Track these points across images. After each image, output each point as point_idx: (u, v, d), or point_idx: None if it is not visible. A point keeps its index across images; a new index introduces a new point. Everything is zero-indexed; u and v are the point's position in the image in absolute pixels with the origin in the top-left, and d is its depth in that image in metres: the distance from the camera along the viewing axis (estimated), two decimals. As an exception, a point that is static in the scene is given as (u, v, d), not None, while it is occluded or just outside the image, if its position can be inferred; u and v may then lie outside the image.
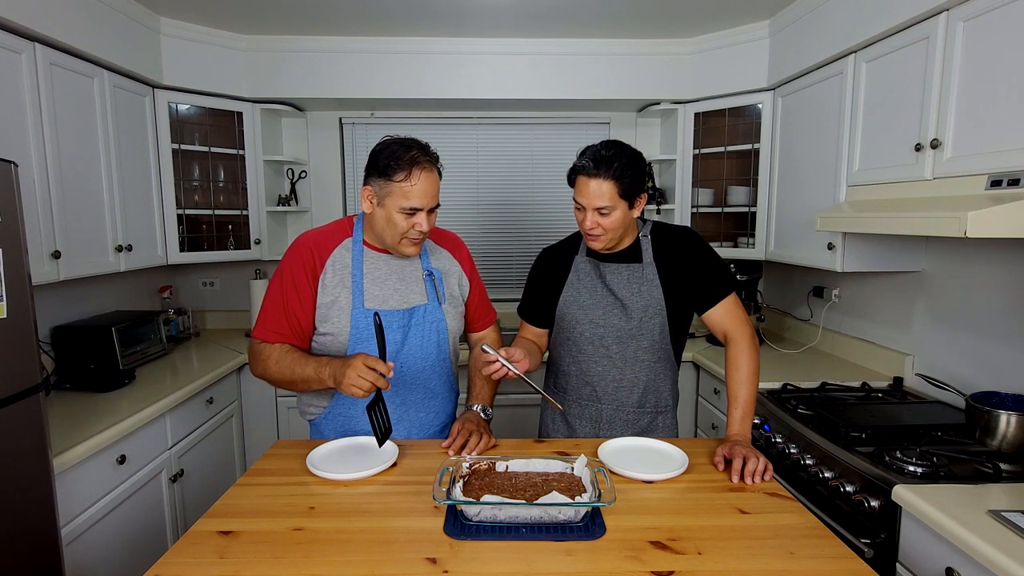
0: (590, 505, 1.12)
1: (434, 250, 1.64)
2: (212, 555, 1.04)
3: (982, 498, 1.33)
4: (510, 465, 1.30)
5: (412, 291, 1.55)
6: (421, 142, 1.47)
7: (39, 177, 2.00)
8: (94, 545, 1.78)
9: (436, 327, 1.57)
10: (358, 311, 1.48)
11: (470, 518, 1.13)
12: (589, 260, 1.66)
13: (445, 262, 1.65)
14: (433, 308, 1.57)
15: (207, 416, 2.49)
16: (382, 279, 1.52)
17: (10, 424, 1.41)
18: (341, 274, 1.50)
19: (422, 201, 1.41)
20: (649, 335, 1.61)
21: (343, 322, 1.48)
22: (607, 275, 1.63)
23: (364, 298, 1.49)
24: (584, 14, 2.64)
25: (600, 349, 1.63)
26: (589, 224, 1.52)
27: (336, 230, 1.56)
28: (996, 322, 1.87)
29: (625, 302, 1.60)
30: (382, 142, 1.47)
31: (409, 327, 1.54)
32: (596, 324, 1.63)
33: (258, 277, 3.23)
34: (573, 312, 1.65)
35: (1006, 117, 1.53)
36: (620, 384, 1.64)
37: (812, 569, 1.00)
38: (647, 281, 1.60)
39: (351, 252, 1.52)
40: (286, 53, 2.94)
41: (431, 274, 1.58)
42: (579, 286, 1.66)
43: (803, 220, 2.48)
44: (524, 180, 3.46)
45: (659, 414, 1.68)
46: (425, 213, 1.43)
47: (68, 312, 2.50)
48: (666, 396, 1.69)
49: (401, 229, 1.43)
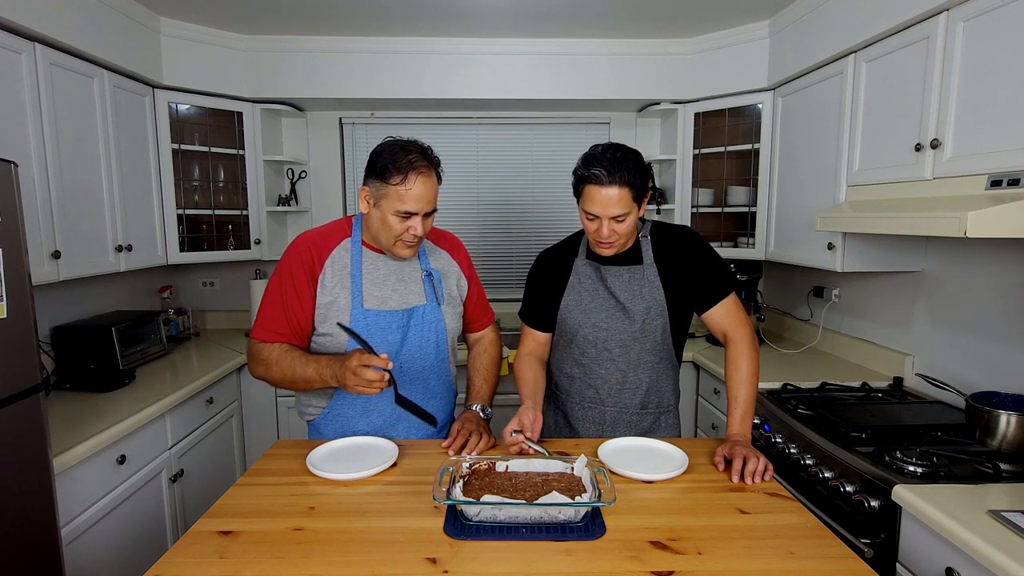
0: (590, 505, 1.12)
1: (433, 250, 1.64)
2: (212, 555, 1.04)
3: (982, 498, 1.32)
4: (510, 465, 1.29)
5: (411, 291, 1.55)
6: (422, 145, 1.46)
7: (39, 177, 2.00)
8: (94, 545, 1.78)
9: (435, 327, 1.57)
10: (357, 311, 1.48)
11: (470, 518, 1.13)
12: (590, 263, 1.66)
13: (444, 262, 1.64)
14: (432, 308, 1.57)
15: (207, 416, 2.49)
16: (381, 280, 1.52)
17: (10, 424, 1.41)
18: (340, 274, 1.50)
19: (417, 206, 1.40)
20: (652, 337, 1.61)
21: (342, 322, 1.48)
22: (608, 278, 1.62)
23: (363, 298, 1.49)
24: (584, 14, 2.64)
25: (604, 352, 1.63)
26: (606, 233, 1.48)
27: (335, 230, 1.56)
28: (996, 322, 1.87)
29: (627, 305, 1.59)
30: (383, 143, 1.46)
31: (408, 327, 1.54)
32: (599, 328, 1.62)
33: (258, 277, 3.23)
34: (575, 316, 1.64)
35: (1006, 117, 1.53)
36: (623, 387, 1.64)
37: (812, 569, 1.00)
38: (648, 282, 1.60)
39: (350, 252, 1.52)
40: (286, 53, 2.94)
41: (430, 274, 1.58)
42: (580, 289, 1.65)
43: (803, 220, 2.48)
44: (524, 180, 3.46)
45: (662, 414, 1.68)
46: (420, 217, 1.43)
47: (68, 312, 2.50)
48: (668, 396, 1.68)
49: (395, 232, 1.43)
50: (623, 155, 1.46)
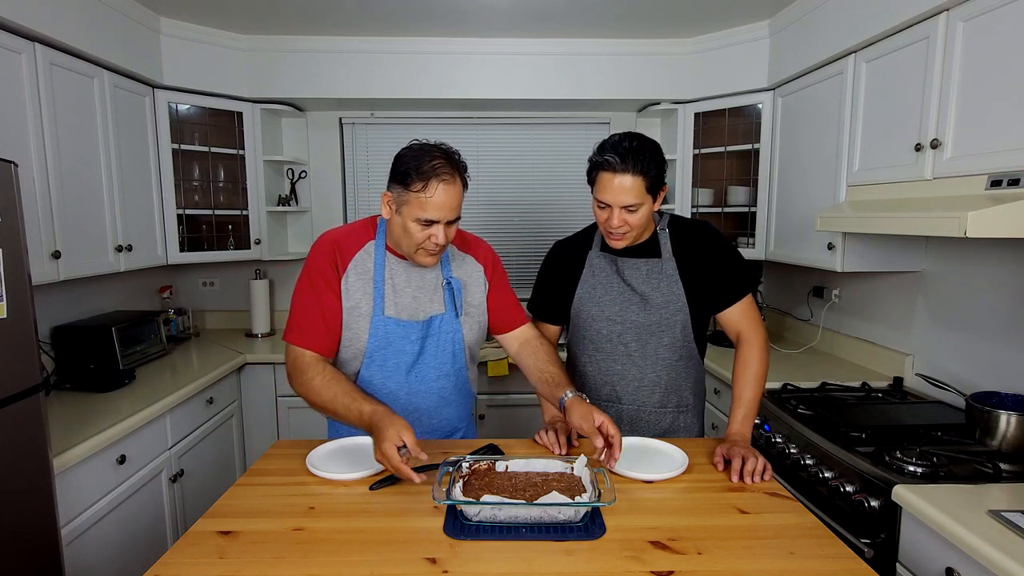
0: (590, 505, 1.12)
1: (456, 256, 1.57)
2: (212, 555, 1.04)
3: (982, 498, 1.32)
4: (510, 465, 1.29)
5: (431, 300, 1.51)
6: (448, 150, 1.39)
7: (39, 177, 2.00)
8: (94, 545, 1.78)
9: (452, 338, 1.52)
10: (378, 319, 1.44)
11: (470, 518, 1.13)
12: (605, 255, 1.62)
13: (468, 269, 1.57)
14: (450, 319, 1.51)
15: (207, 416, 2.49)
16: (401, 287, 1.48)
17: (10, 424, 1.41)
18: (363, 279, 1.46)
19: (439, 214, 1.34)
20: (670, 331, 1.58)
21: (362, 328, 1.44)
22: (625, 270, 1.59)
23: (384, 305, 1.46)
24: (584, 14, 2.64)
25: (619, 347, 1.60)
26: (616, 223, 1.45)
27: (360, 232, 1.51)
28: (996, 322, 1.87)
29: (645, 296, 1.56)
30: (408, 146, 1.39)
31: (426, 337, 1.49)
32: (613, 321, 1.59)
33: (258, 277, 3.24)
34: (588, 309, 1.61)
35: (1006, 117, 1.53)
36: (641, 383, 1.61)
37: (812, 569, 1.00)
38: (667, 276, 1.56)
39: (373, 256, 1.48)
40: (286, 53, 2.94)
41: (449, 283, 1.52)
42: (594, 282, 1.62)
43: (803, 220, 2.48)
44: (524, 180, 3.46)
45: (681, 412, 1.65)
46: (443, 226, 1.36)
47: (68, 312, 2.50)
48: (687, 394, 1.65)
49: (417, 240, 1.37)
50: (639, 145, 1.43)
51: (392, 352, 1.45)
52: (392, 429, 1.22)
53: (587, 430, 1.32)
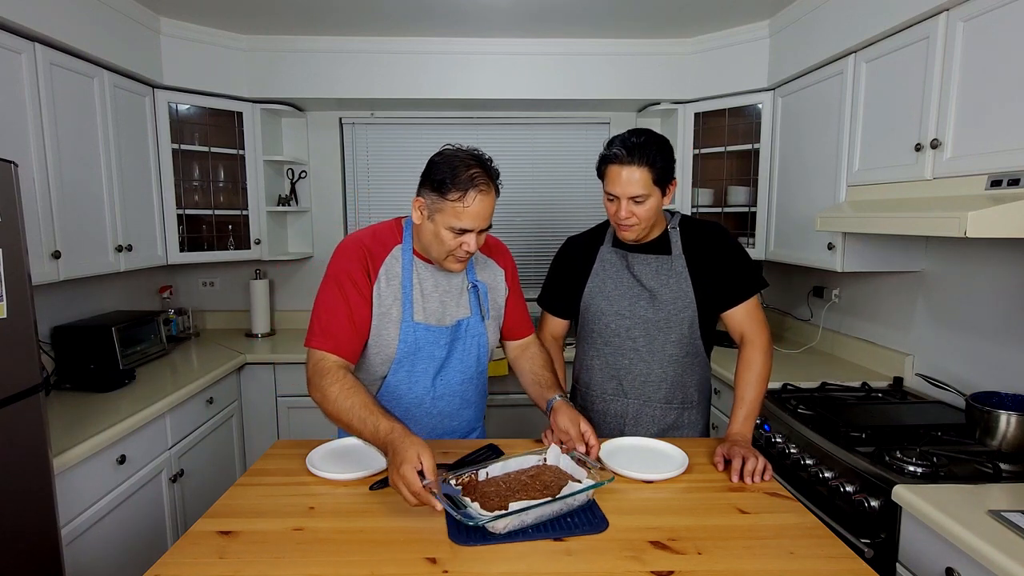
0: (597, 486, 1.16)
1: (480, 260, 1.57)
2: (212, 555, 1.04)
3: (982, 498, 1.33)
4: (489, 471, 1.27)
5: (457, 304, 1.50)
6: (483, 157, 1.36)
7: (39, 177, 2.00)
8: (94, 545, 1.78)
9: (477, 341, 1.52)
10: (407, 324, 1.43)
11: (497, 531, 1.08)
12: (616, 251, 1.64)
13: (491, 273, 1.57)
14: (476, 322, 1.51)
15: (207, 416, 2.49)
16: (429, 292, 1.47)
17: (10, 424, 1.41)
18: (393, 284, 1.44)
19: (474, 223, 1.32)
20: (678, 328, 1.59)
21: (391, 335, 1.43)
22: (635, 265, 1.61)
23: (414, 311, 1.44)
24: (584, 14, 2.64)
25: (627, 342, 1.61)
26: (624, 214, 1.48)
27: (386, 236, 1.48)
28: (996, 322, 1.87)
29: (654, 291, 1.58)
30: (442, 151, 1.36)
31: (454, 341, 1.49)
32: (622, 315, 1.61)
33: (258, 277, 3.24)
34: (598, 303, 1.63)
35: (1006, 117, 1.53)
36: (648, 379, 1.62)
37: (812, 569, 1.00)
38: (676, 273, 1.58)
39: (400, 261, 1.45)
40: (286, 53, 2.94)
41: (476, 287, 1.52)
42: (604, 276, 1.64)
43: (803, 220, 2.48)
44: (524, 180, 3.46)
45: (686, 409, 1.66)
46: (475, 234, 1.35)
47: (68, 312, 2.50)
48: (692, 391, 1.66)
49: (448, 247, 1.36)
50: (647, 139, 1.46)
51: (421, 357, 1.45)
52: (412, 451, 1.13)
53: (572, 435, 1.38)
